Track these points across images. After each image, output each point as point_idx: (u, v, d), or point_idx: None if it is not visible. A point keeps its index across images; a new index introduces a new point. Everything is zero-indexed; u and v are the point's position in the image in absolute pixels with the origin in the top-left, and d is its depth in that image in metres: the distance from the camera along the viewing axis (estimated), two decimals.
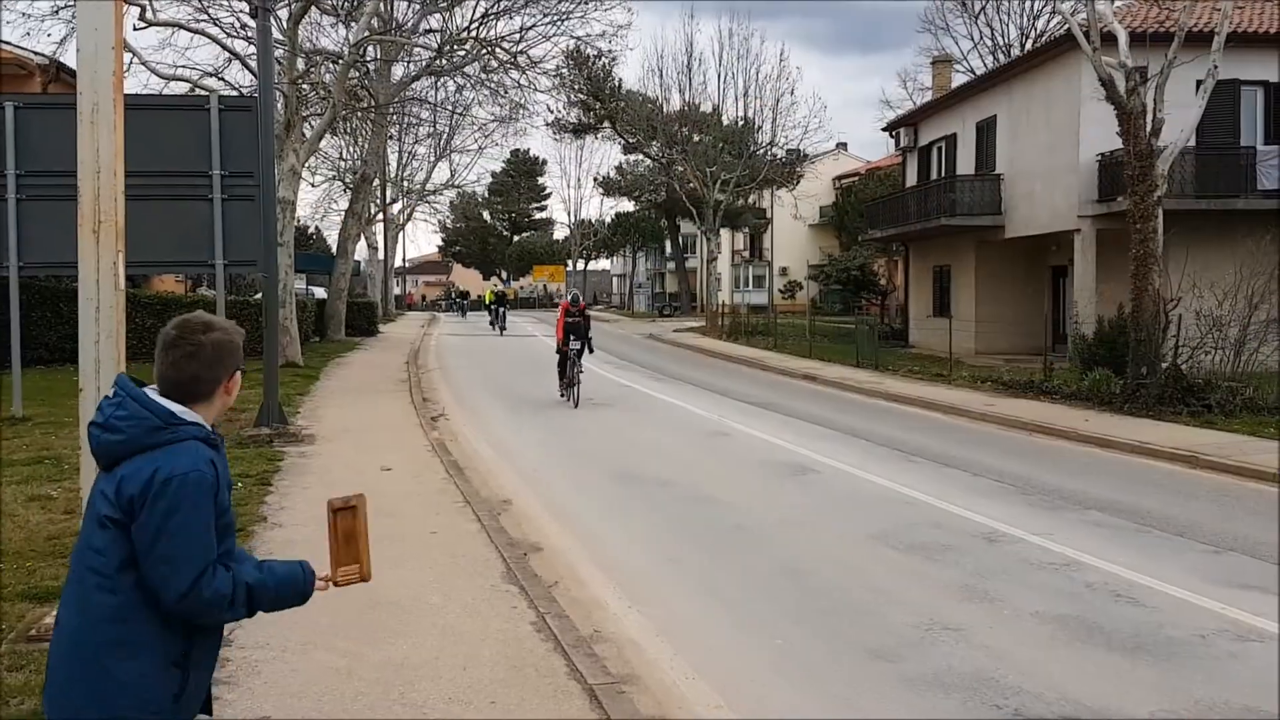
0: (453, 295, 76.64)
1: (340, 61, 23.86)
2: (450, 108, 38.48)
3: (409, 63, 29.84)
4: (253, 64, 19.46)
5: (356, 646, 5.57)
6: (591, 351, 17.89)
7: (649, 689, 5.31)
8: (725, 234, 58.38)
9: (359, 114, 30.27)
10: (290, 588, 2.79)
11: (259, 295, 22.62)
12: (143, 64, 21.23)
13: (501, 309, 40.55)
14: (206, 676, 2.70)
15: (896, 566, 7.70)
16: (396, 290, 67.72)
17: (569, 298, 18.29)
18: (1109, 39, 17.26)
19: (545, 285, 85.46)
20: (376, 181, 42.13)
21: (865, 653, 5.89)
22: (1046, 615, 6.55)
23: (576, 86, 45.68)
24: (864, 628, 6.31)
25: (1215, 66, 16.63)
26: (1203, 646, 6.01)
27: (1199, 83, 17.22)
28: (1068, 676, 5.52)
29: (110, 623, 2.52)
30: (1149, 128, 16.59)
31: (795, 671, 5.63)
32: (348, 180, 42.04)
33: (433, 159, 52.00)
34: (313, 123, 25.01)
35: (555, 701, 4.93)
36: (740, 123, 45.62)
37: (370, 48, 26.50)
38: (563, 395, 17.49)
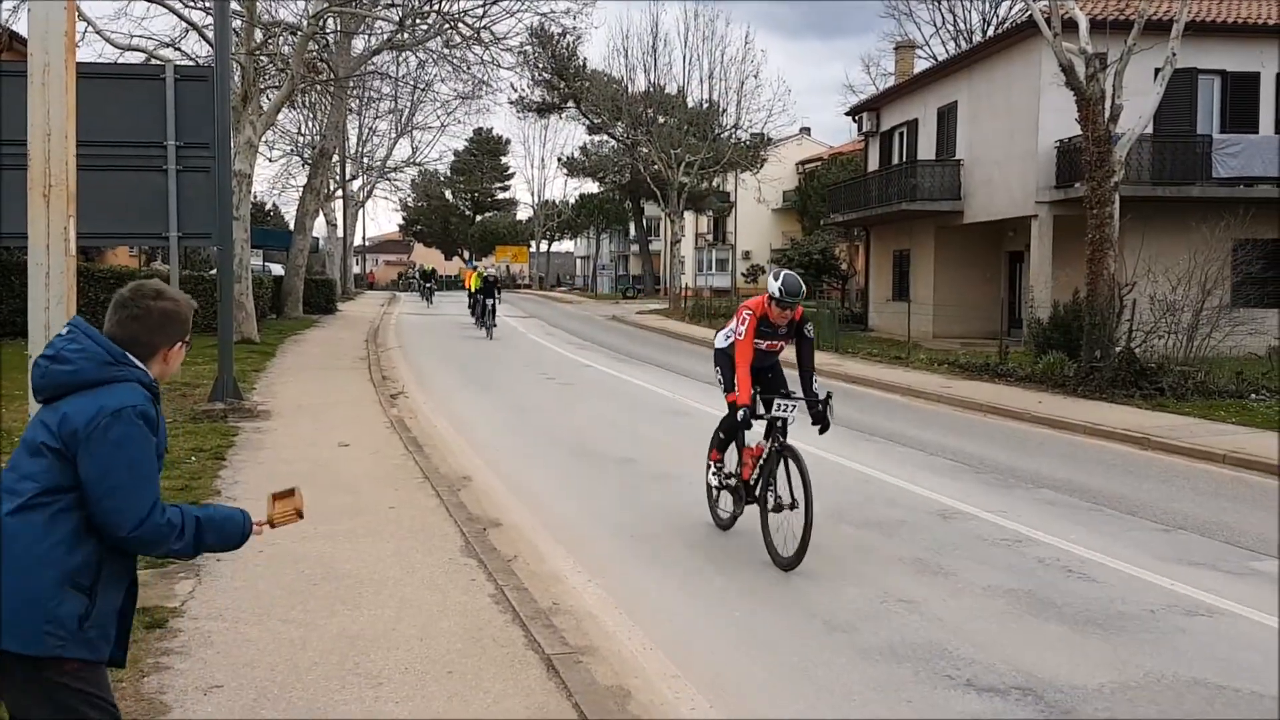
0: (413, 274, 64.30)
1: (299, 33, 23.52)
2: (412, 83, 38.18)
3: (369, 36, 29.52)
4: (210, 34, 19.12)
5: (311, 618, 5.53)
6: (826, 427, 7.59)
7: (606, 659, 5.32)
8: (689, 217, 58.44)
9: (318, 87, 29.89)
10: (232, 526, 2.90)
11: (214, 270, 22.29)
12: (97, 33, 20.77)
13: (491, 300, 28.30)
14: (112, 610, 2.75)
15: (852, 541, 7.77)
16: (356, 269, 66.97)
17: (776, 284, 7.24)
18: (1070, 25, 17.42)
19: (508, 266, 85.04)
20: (336, 157, 41.63)
21: (820, 624, 5.94)
22: (999, 589, 6.63)
23: (540, 65, 45.44)
24: (819, 600, 6.36)
25: (1174, 54, 16.84)
26: (1152, 621, 6.12)
27: (1157, 70, 17.46)
28: (1020, 649, 5.60)
29: (16, 541, 2.59)
30: (1107, 114, 16.79)
31: (751, 642, 5.67)
32: (306, 155, 41.52)
33: (394, 135, 51.59)
34: (270, 95, 24.65)
35: (513, 671, 4.92)
36: (705, 105, 45.58)
37: (330, 20, 26.16)
38: (718, 516, 8.05)
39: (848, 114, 37.71)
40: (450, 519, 7.79)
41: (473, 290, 31.01)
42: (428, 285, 50.48)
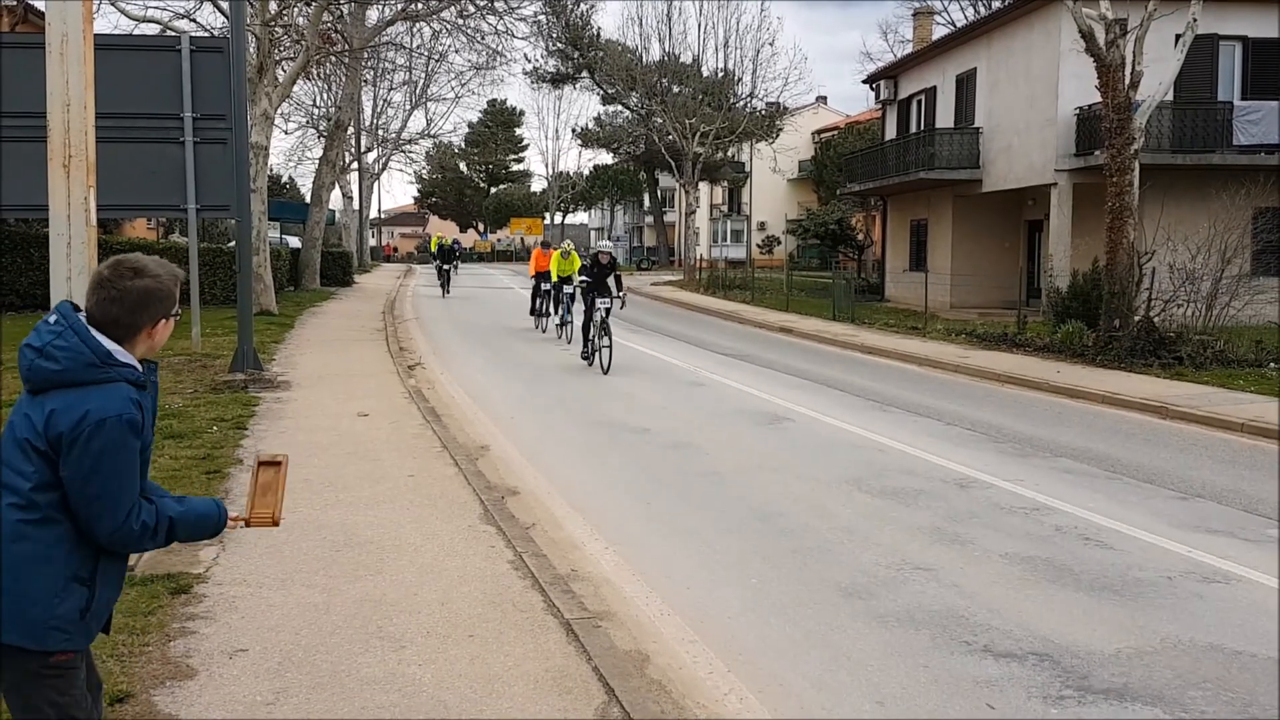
0: (429, 247, 46.50)
1: (313, 4, 23.45)
2: (426, 54, 38.05)
3: (384, 6, 29.38)
4: (224, 5, 19.11)
5: (334, 583, 5.60)
6: None
7: (624, 624, 5.37)
8: (704, 188, 58.21)
9: (332, 59, 29.84)
10: (206, 522, 2.90)
11: (232, 243, 22.39)
12: (112, 4, 20.77)
13: (604, 305, 15.68)
14: (113, 595, 2.82)
15: (868, 510, 7.78)
16: (372, 241, 67.01)
17: None
18: None
19: (522, 237, 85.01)
20: (351, 129, 41.59)
21: (837, 590, 5.97)
22: (1016, 557, 6.65)
23: (554, 34, 45.19)
24: (836, 567, 6.40)
25: (1194, 20, 16.63)
26: (1169, 587, 6.13)
27: (1178, 36, 17.24)
28: (1037, 615, 5.63)
29: (20, 539, 2.61)
30: (1127, 80, 16.61)
31: (768, 608, 5.71)
32: (322, 128, 41.52)
33: (408, 107, 51.53)
34: (285, 66, 24.63)
35: (532, 635, 4.98)
36: (720, 74, 45.29)
37: None
38: None
39: (865, 82, 37.45)
40: (468, 487, 7.85)
41: (556, 277, 19.88)
42: (446, 267, 33.36)
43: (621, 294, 15.97)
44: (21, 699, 2.70)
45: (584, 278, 16.35)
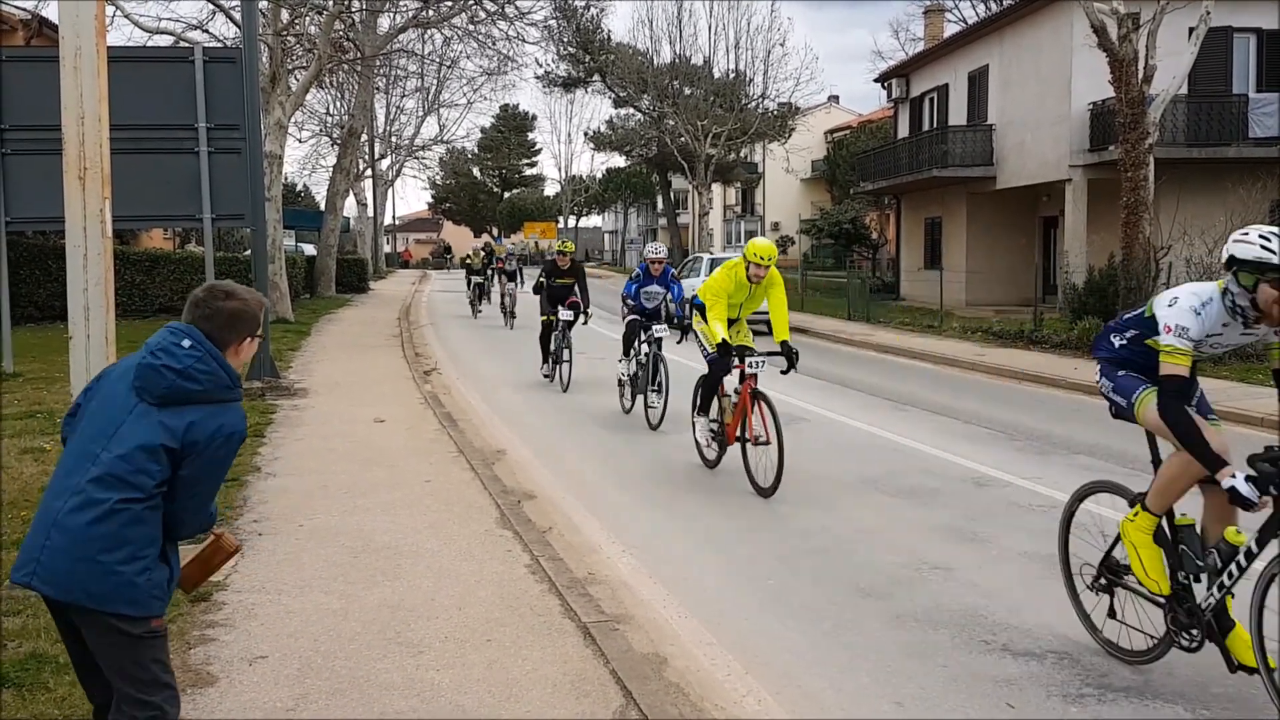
0: (460, 256, 41.15)
1: (325, 12, 23.57)
2: (438, 61, 38.18)
3: (395, 14, 29.49)
4: (236, 15, 19.22)
5: (352, 589, 5.62)
6: None
7: (642, 627, 5.37)
8: (717, 189, 58.17)
9: (345, 67, 29.97)
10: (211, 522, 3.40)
11: (248, 251, 22.49)
12: (125, 17, 20.93)
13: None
14: (177, 574, 3.28)
15: (885, 510, 7.77)
16: (387, 248, 67.17)
17: None
18: None
19: (536, 242, 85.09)
20: (364, 137, 41.76)
21: (855, 591, 5.96)
22: (1035, 555, 6.62)
23: (565, 39, 45.26)
24: (853, 568, 6.39)
25: (1208, 13, 16.55)
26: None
27: (1191, 29, 17.16)
28: (1056, 613, 5.59)
29: (133, 525, 3.00)
30: (1141, 75, 16.54)
31: (784, 609, 5.70)
32: (335, 136, 41.69)
33: (421, 114, 51.66)
34: (298, 75, 24.75)
35: (550, 639, 4.99)
36: (731, 75, 45.23)
37: None
38: None
39: (876, 80, 37.30)
40: (485, 492, 7.87)
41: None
42: (482, 279, 24.65)
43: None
44: (129, 662, 3.05)
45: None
